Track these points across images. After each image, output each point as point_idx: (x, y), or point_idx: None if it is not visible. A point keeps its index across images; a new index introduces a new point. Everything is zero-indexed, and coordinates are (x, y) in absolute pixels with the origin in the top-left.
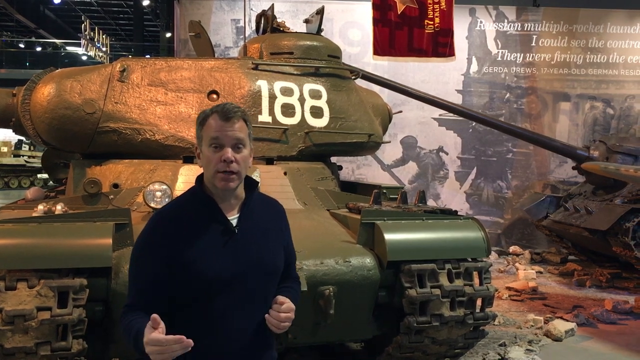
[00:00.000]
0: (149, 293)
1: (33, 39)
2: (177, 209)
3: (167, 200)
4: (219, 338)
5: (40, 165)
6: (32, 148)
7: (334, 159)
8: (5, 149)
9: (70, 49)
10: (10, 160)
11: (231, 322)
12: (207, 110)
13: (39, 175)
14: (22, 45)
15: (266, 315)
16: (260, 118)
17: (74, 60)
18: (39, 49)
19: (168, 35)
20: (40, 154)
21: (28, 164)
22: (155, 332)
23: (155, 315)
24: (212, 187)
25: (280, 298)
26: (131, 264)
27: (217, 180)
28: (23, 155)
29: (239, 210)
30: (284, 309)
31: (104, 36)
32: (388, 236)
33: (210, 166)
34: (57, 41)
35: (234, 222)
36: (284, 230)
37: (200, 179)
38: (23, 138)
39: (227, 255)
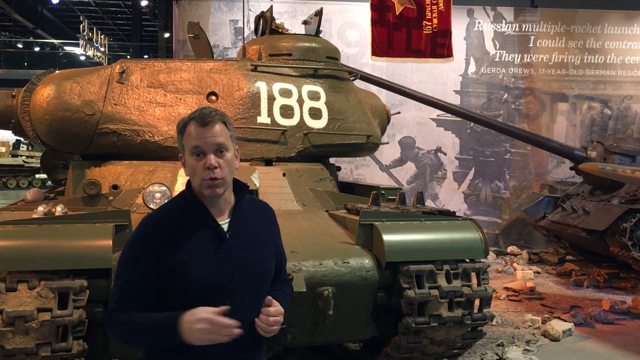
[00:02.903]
0: (135, 297)
1: (31, 39)
2: (167, 214)
3: (166, 201)
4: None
5: (39, 166)
6: (30, 148)
7: (332, 160)
8: (3, 149)
9: (68, 49)
10: (8, 161)
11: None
12: (185, 117)
13: (37, 176)
14: (20, 46)
15: (256, 319)
16: (259, 119)
17: (72, 60)
18: (37, 49)
19: (166, 35)
20: (38, 154)
21: (26, 165)
22: (210, 311)
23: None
24: (200, 193)
25: (268, 300)
26: (119, 267)
27: (204, 188)
28: (21, 156)
29: (230, 215)
30: (272, 313)
31: (102, 36)
32: (386, 237)
33: (195, 175)
34: (55, 41)
35: (225, 227)
36: (275, 233)
37: (189, 183)
38: (21, 138)
39: (218, 261)
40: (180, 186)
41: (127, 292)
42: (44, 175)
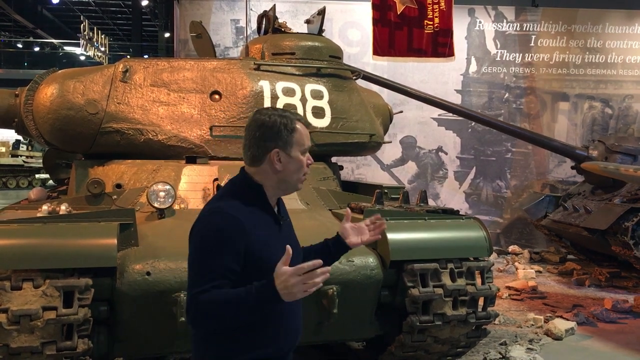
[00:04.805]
0: (224, 280)
1: (31, 39)
2: (240, 202)
3: (170, 200)
4: (283, 319)
5: (38, 166)
6: (30, 148)
7: (334, 159)
8: (3, 149)
9: (68, 49)
10: (8, 161)
11: (289, 305)
12: (288, 116)
13: (37, 176)
14: (20, 46)
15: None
16: None
17: (72, 60)
18: (37, 49)
19: (167, 35)
20: (38, 154)
21: (26, 164)
22: (285, 264)
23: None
24: (290, 186)
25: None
26: (206, 251)
27: (300, 182)
28: (21, 156)
29: (275, 204)
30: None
31: (102, 36)
32: (391, 236)
33: (300, 170)
34: (56, 41)
35: None
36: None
37: (250, 176)
38: (21, 138)
39: (281, 243)
40: (184, 185)
41: (216, 274)
42: (43, 175)
